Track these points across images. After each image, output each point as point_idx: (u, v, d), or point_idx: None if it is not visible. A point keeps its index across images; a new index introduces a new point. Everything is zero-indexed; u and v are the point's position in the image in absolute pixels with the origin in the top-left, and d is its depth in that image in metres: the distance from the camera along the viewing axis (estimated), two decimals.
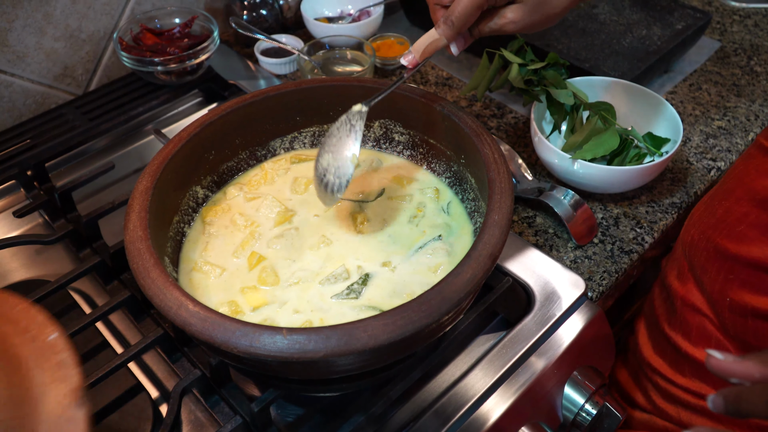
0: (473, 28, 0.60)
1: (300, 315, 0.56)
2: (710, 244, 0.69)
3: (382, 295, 0.58)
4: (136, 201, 0.56)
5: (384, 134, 0.72)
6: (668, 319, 0.76)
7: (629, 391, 0.80)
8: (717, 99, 0.96)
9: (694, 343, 0.71)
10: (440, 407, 0.59)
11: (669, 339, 0.74)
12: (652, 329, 0.79)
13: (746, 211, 0.65)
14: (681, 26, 0.99)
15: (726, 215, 0.67)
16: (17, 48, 0.86)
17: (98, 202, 0.80)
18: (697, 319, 0.71)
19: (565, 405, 0.64)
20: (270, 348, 0.45)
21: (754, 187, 0.65)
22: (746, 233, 0.65)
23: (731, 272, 0.66)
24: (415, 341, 0.50)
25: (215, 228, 0.64)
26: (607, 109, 0.81)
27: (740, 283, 0.65)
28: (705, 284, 0.70)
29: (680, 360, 0.73)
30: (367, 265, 0.60)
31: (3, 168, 0.80)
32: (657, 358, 0.76)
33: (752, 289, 0.64)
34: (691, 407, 0.72)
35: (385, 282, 0.59)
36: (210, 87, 0.94)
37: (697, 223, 0.72)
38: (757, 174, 0.65)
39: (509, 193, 0.55)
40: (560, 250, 0.74)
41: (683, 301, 0.73)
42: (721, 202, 0.69)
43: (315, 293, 0.58)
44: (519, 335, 0.64)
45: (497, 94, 0.97)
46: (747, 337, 0.66)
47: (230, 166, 0.69)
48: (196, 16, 0.95)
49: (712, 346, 0.69)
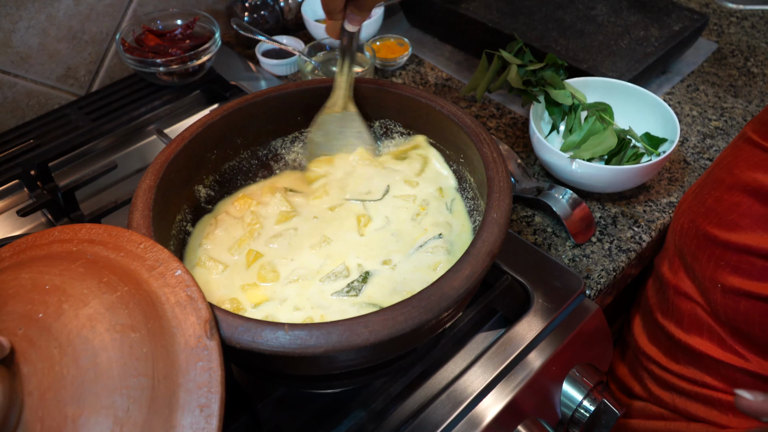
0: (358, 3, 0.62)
1: (300, 312, 0.57)
2: (700, 232, 0.70)
3: (382, 293, 0.59)
4: (139, 199, 0.56)
5: (384, 134, 0.73)
6: (661, 308, 0.77)
7: (626, 382, 0.82)
8: (714, 100, 0.97)
9: (687, 331, 0.72)
10: (440, 403, 0.60)
11: (662, 327, 0.76)
12: (646, 319, 0.80)
13: (737, 200, 0.67)
14: (678, 28, 0.99)
15: (716, 204, 0.69)
16: (21, 49, 0.87)
17: (101, 201, 0.81)
18: (689, 307, 0.72)
19: (564, 401, 0.65)
20: (272, 343, 0.46)
21: (744, 178, 0.67)
22: (737, 222, 0.66)
23: (722, 258, 0.68)
24: (415, 337, 0.51)
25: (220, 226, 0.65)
26: (605, 109, 0.82)
27: (731, 269, 0.67)
28: (696, 271, 0.71)
29: (674, 348, 0.74)
30: (367, 263, 0.61)
31: (7, 168, 0.81)
32: (651, 346, 0.78)
33: (743, 274, 0.66)
34: (685, 393, 0.73)
35: (385, 280, 0.60)
36: (211, 88, 0.95)
37: (686, 212, 0.74)
38: (747, 165, 0.67)
39: (508, 192, 0.56)
40: (558, 249, 0.75)
41: (675, 290, 0.74)
42: (710, 191, 0.70)
43: (315, 290, 0.59)
44: (517, 333, 0.65)
45: (496, 94, 0.98)
46: (738, 322, 0.67)
47: (232, 165, 0.70)
48: (197, 17, 0.96)
49: (705, 333, 0.71)
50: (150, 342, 0.43)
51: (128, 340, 0.43)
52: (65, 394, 0.40)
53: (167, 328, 0.44)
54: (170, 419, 0.41)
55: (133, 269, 0.48)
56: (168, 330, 0.44)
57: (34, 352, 0.42)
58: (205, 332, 0.44)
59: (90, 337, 0.42)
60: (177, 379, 0.42)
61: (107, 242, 0.50)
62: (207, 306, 0.46)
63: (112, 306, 0.44)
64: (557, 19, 1.03)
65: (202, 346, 0.44)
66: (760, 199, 0.65)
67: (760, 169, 0.65)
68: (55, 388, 0.40)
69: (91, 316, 0.43)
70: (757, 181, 0.65)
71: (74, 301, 0.44)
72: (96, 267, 0.48)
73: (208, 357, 0.43)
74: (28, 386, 0.40)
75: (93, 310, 0.44)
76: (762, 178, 0.64)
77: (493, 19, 1.02)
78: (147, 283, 0.47)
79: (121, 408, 0.40)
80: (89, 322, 0.43)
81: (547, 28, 1.01)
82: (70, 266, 0.47)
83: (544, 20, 1.03)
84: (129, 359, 0.42)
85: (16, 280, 0.47)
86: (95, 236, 0.51)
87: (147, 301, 0.45)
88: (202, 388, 0.42)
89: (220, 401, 0.42)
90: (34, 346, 0.42)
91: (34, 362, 0.41)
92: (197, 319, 0.45)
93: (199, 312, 0.45)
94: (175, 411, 0.41)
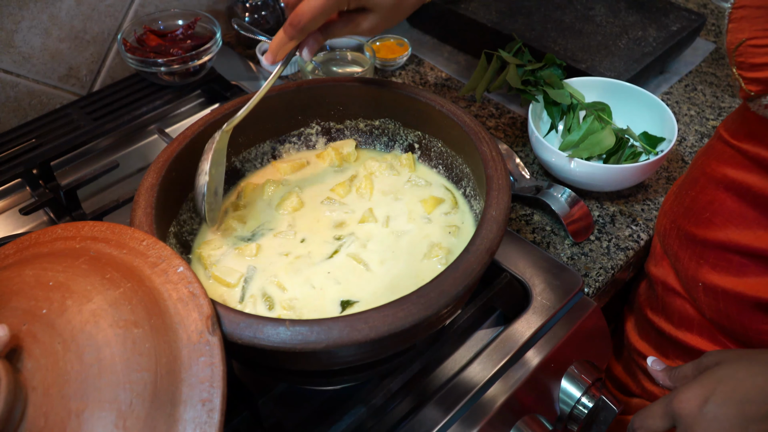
0: (325, 32, 0.61)
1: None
2: (681, 232, 0.71)
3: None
4: (141, 197, 0.57)
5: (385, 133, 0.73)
6: (651, 304, 0.78)
7: (623, 381, 0.82)
8: (712, 99, 0.97)
9: (677, 326, 0.73)
10: (439, 399, 0.60)
11: (652, 323, 0.76)
12: (637, 315, 0.81)
13: (711, 198, 0.68)
14: (676, 28, 1.00)
15: (693, 203, 0.70)
16: (23, 49, 0.87)
17: (103, 200, 0.81)
18: (678, 303, 0.73)
19: (562, 398, 0.66)
20: (273, 339, 0.46)
21: (716, 175, 0.67)
22: (712, 219, 0.67)
23: (701, 257, 0.69)
24: (414, 333, 0.51)
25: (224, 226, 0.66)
26: (603, 108, 0.83)
27: (710, 267, 0.68)
28: (679, 271, 0.72)
29: (664, 343, 0.75)
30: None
31: (9, 167, 0.81)
32: (642, 343, 0.78)
33: (722, 271, 0.67)
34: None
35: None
36: (212, 87, 0.95)
37: (668, 212, 0.74)
38: (717, 163, 0.67)
39: (506, 190, 0.56)
40: (557, 247, 0.75)
41: (664, 286, 0.75)
42: (687, 191, 0.71)
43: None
44: (516, 330, 0.65)
45: (495, 94, 0.98)
46: (721, 320, 0.68)
47: (233, 164, 0.70)
48: (198, 17, 0.96)
49: (695, 328, 0.72)
50: (153, 337, 0.43)
51: (131, 336, 0.43)
52: (69, 389, 0.41)
53: (170, 324, 0.45)
54: (173, 413, 0.41)
55: (136, 266, 0.48)
56: (170, 326, 0.45)
57: (38, 348, 0.42)
58: (207, 328, 0.45)
59: (93, 332, 0.43)
60: (179, 374, 0.43)
61: (110, 239, 0.51)
62: (209, 302, 0.46)
63: (115, 302, 0.45)
64: (556, 20, 1.03)
65: (204, 342, 0.44)
66: (731, 195, 0.66)
67: (730, 165, 0.65)
68: (59, 383, 0.41)
69: (94, 312, 0.44)
70: (728, 177, 0.65)
71: (78, 298, 0.45)
72: (99, 264, 0.48)
73: (210, 352, 0.44)
74: (32, 381, 0.41)
75: (96, 306, 0.44)
76: (732, 174, 0.65)
77: (492, 19, 1.03)
78: (149, 280, 0.47)
79: (125, 402, 0.41)
80: (93, 318, 0.44)
81: (546, 28, 1.02)
82: (74, 263, 0.48)
83: (543, 20, 1.03)
84: (132, 354, 0.42)
85: (20, 276, 0.47)
86: (98, 233, 0.52)
87: (149, 297, 0.46)
88: (204, 382, 0.43)
89: (221, 396, 0.42)
90: (38, 342, 0.42)
91: (38, 358, 0.42)
92: (199, 315, 0.45)
93: (201, 308, 0.46)
94: (178, 405, 0.42)
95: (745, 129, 0.63)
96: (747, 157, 0.63)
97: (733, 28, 0.55)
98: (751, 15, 0.53)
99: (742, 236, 0.64)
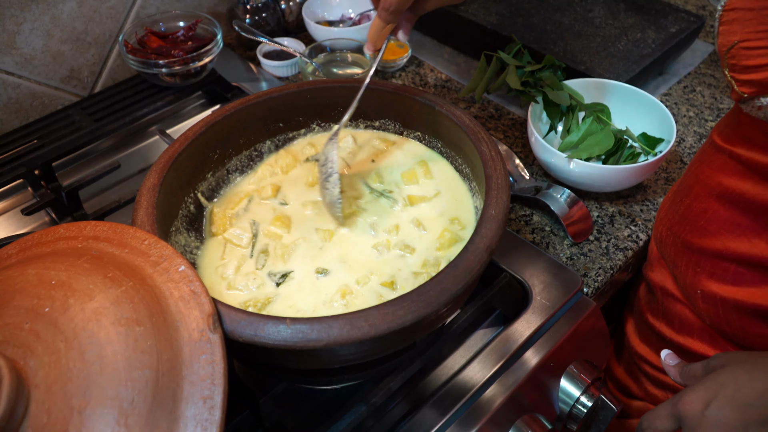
0: (416, 9, 0.61)
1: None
2: (677, 240, 0.71)
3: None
4: (143, 197, 0.57)
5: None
6: (651, 308, 0.78)
7: (624, 382, 0.82)
8: (710, 101, 0.98)
9: (678, 331, 0.73)
10: (439, 399, 0.60)
11: (653, 328, 0.76)
12: (637, 320, 0.81)
13: (705, 206, 0.67)
14: (675, 29, 1.00)
15: (687, 211, 0.69)
16: (25, 50, 0.88)
17: (104, 200, 0.82)
18: (679, 308, 0.73)
19: (561, 397, 0.66)
20: (274, 337, 0.46)
21: (709, 183, 0.67)
22: (706, 227, 0.67)
23: (698, 265, 0.68)
24: (414, 331, 0.52)
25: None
26: (602, 109, 0.83)
27: (707, 275, 0.67)
28: (677, 278, 0.72)
29: (665, 347, 0.75)
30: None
31: (11, 167, 0.82)
32: (644, 346, 0.78)
33: (718, 279, 0.66)
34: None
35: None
36: (213, 89, 0.96)
37: (664, 220, 0.74)
38: (711, 171, 0.67)
39: (506, 189, 0.56)
40: (557, 247, 0.76)
41: (663, 292, 0.75)
42: (682, 198, 0.71)
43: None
44: (516, 330, 0.66)
45: (495, 95, 0.99)
46: (722, 326, 0.68)
47: (234, 164, 0.71)
48: (199, 19, 0.97)
49: (696, 333, 0.71)
50: (154, 335, 0.44)
51: (133, 334, 0.43)
52: (71, 387, 0.41)
53: (171, 322, 0.45)
54: (174, 410, 0.42)
55: (138, 265, 0.49)
56: (172, 324, 0.45)
57: (41, 346, 0.42)
58: (208, 326, 0.45)
59: (95, 330, 0.43)
60: (181, 372, 0.43)
61: (112, 239, 0.51)
62: (210, 300, 0.47)
63: (117, 300, 0.45)
64: (555, 21, 1.04)
65: (206, 340, 0.44)
66: (724, 203, 0.65)
67: (723, 172, 0.65)
68: (62, 380, 0.41)
69: (96, 310, 0.44)
70: (721, 185, 0.65)
71: (80, 296, 0.45)
72: (101, 263, 0.48)
73: (211, 350, 0.44)
74: (34, 379, 0.41)
75: (98, 304, 0.45)
76: (726, 182, 0.64)
77: (491, 21, 1.03)
78: (151, 278, 0.48)
79: (126, 400, 0.41)
80: (95, 316, 0.44)
81: (546, 29, 1.02)
82: (76, 262, 0.48)
83: (543, 22, 1.04)
84: (134, 352, 0.43)
85: (23, 275, 0.48)
86: (100, 233, 0.52)
87: (151, 295, 0.46)
88: (205, 380, 0.43)
89: (223, 393, 0.43)
90: (41, 340, 0.43)
91: (41, 355, 0.42)
92: (200, 313, 0.46)
93: (202, 306, 0.46)
94: (179, 402, 0.42)
95: (739, 133, 0.63)
96: (740, 162, 0.62)
97: (725, 30, 0.55)
98: (742, 17, 0.53)
99: (737, 244, 0.64)
